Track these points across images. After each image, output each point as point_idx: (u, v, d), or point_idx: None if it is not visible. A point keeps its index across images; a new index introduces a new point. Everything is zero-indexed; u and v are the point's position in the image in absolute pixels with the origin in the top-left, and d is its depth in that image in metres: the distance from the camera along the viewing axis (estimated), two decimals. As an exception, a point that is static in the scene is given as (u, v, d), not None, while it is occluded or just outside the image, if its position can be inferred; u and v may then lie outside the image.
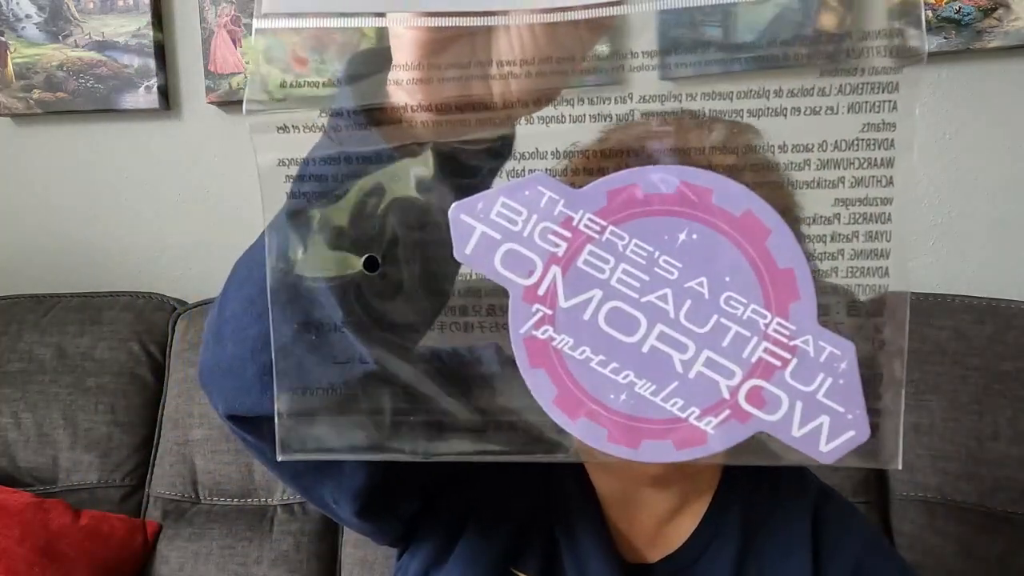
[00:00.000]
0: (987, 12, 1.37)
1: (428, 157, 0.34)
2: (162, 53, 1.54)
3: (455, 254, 0.29)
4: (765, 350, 0.27)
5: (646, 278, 0.28)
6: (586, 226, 0.28)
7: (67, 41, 1.55)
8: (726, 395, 0.27)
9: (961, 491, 1.16)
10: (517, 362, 0.29)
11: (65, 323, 1.40)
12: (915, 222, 1.45)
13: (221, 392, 0.47)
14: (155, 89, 1.53)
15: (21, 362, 1.37)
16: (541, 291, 0.29)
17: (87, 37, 1.54)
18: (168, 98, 1.55)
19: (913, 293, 1.32)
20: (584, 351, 0.28)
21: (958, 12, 1.37)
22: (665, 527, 0.68)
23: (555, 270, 0.28)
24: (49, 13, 1.55)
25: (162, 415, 1.36)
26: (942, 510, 1.17)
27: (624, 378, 0.28)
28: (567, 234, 0.28)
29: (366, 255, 0.34)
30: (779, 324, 0.27)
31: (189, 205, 1.57)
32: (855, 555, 0.66)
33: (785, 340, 0.27)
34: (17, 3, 1.55)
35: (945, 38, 1.38)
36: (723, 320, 0.27)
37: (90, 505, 1.29)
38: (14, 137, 1.62)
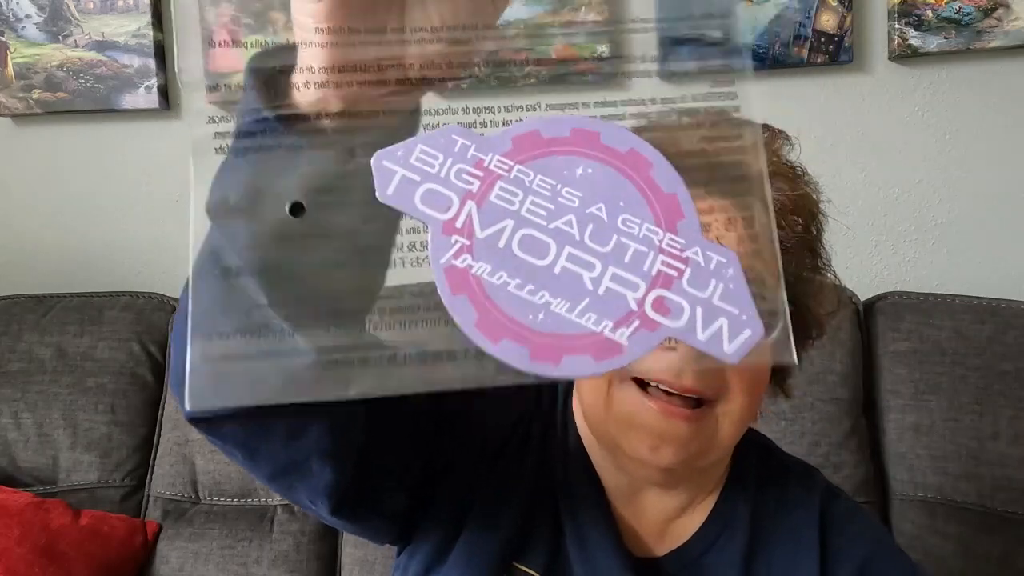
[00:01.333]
0: (987, 12, 1.37)
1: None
2: (162, 53, 1.54)
3: (377, 195, 0.31)
4: (662, 262, 0.31)
5: (551, 207, 0.31)
6: (496, 166, 0.32)
7: (67, 41, 1.55)
8: (634, 307, 0.30)
9: (961, 491, 1.16)
10: (439, 291, 0.31)
11: (65, 323, 1.40)
12: (915, 222, 1.45)
13: (181, 394, 0.46)
14: (155, 89, 1.53)
15: (21, 362, 1.37)
16: (458, 224, 0.31)
17: (87, 37, 1.54)
18: (168, 98, 1.55)
19: (913, 293, 1.32)
20: (501, 276, 0.30)
21: (958, 12, 1.37)
22: (673, 523, 0.68)
23: (470, 204, 0.31)
24: (49, 13, 1.55)
25: (162, 415, 1.36)
26: (942, 510, 1.17)
27: (540, 298, 0.30)
28: (479, 173, 0.32)
29: (292, 200, 0.35)
30: (671, 239, 0.31)
31: (189, 205, 1.57)
32: (862, 555, 0.66)
33: (677, 252, 0.31)
34: (17, 3, 1.55)
35: (945, 38, 1.38)
36: (623, 239, 0.31)
37: (90, 505, 1.29)
38: (14, 137, 1.61)
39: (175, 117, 1.57)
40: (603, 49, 1.50)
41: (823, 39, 1.40)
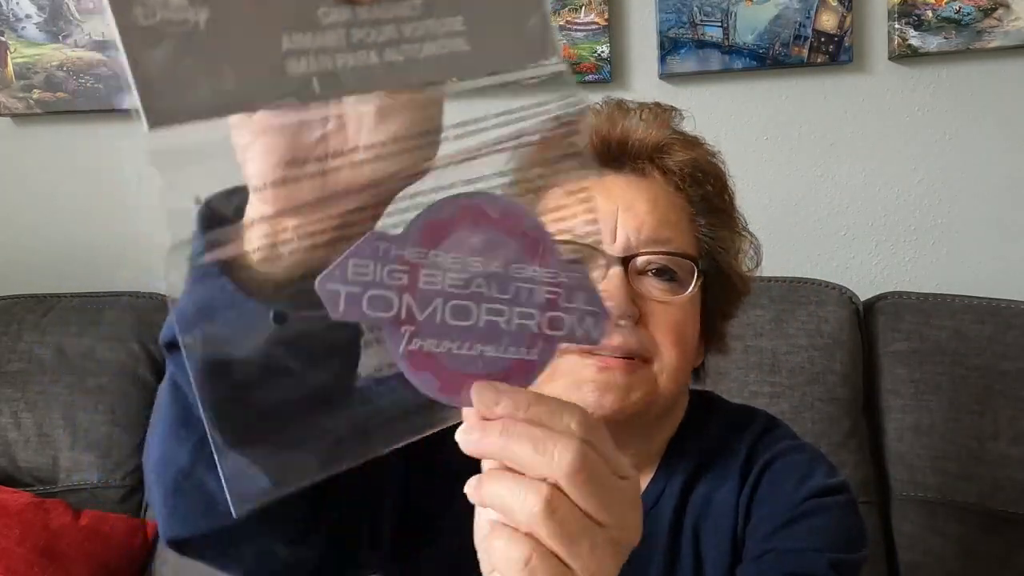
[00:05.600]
0: (987, 12, 1.37)
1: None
2: (162, 53, 1.54)
3: (331, 316, 0.37)
4: (546, 292, 0.40)
5: (465, 276, 0.39)
6: (415, 258, 0.38)
7: (67, 41, 1.55)
8: (535, 330, 0.40)
9: (961, 491, 1.16)
10: (404, 373, 0.38)
11: (65, 323, 1.40)
12: (915, 222, 1.45)
13: (159, 524, 0.50)
14: (155, 89, 1.52)
15: (21, 362, 1.37)
16: (403, 316, 0.38)
17: (87, 37, 1.54)
18: (168, 98, 1.55)
19: (913, 293, 1.32)
20: (445, 344, 0.39)
21: (958, 12, 1.37)
22: None
23: (406, 297, 0.38)
24: (49, 13, 1.55)
25: (162, 415, 1.36)
26: (942, 510, 1.17)
27: (476, 351, 0.39)
28: (404, 268, 0.38)
29: (273, 311, 0.39)
30: (545, 272, 0.40)
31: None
32: (767, 456, 0.72)
33: (551, 280, 0.40)
34: (17, 3, 1.55)
35: (945, 38, 1.38)
36: (516, 284, 0.40)
37: (90, 505, 1.29)
38: (14, 137, 1.61)
39: (175, 117, 1.57)
40: (603, 49, 1.50)
41: (823, 39, 1.40)
